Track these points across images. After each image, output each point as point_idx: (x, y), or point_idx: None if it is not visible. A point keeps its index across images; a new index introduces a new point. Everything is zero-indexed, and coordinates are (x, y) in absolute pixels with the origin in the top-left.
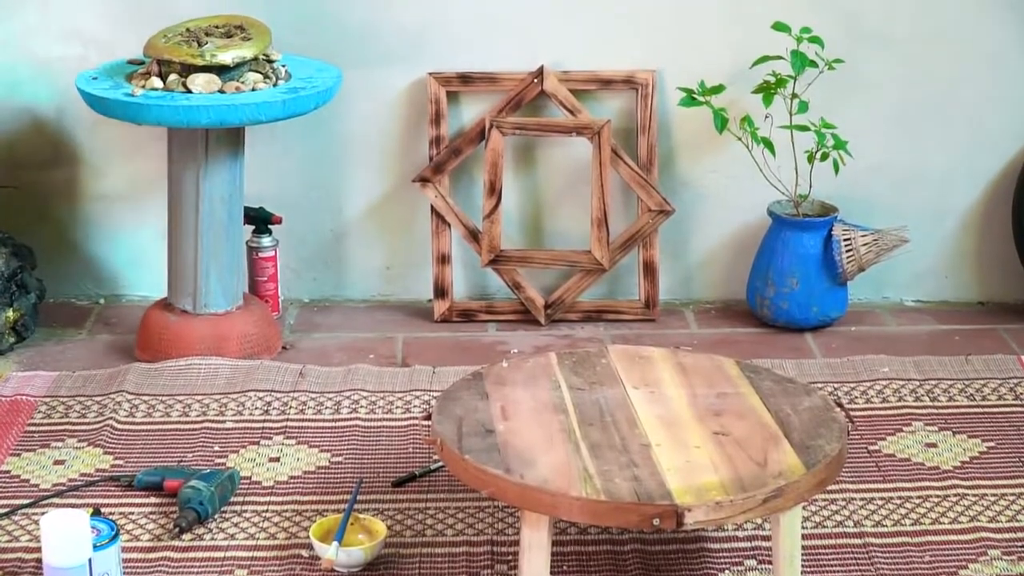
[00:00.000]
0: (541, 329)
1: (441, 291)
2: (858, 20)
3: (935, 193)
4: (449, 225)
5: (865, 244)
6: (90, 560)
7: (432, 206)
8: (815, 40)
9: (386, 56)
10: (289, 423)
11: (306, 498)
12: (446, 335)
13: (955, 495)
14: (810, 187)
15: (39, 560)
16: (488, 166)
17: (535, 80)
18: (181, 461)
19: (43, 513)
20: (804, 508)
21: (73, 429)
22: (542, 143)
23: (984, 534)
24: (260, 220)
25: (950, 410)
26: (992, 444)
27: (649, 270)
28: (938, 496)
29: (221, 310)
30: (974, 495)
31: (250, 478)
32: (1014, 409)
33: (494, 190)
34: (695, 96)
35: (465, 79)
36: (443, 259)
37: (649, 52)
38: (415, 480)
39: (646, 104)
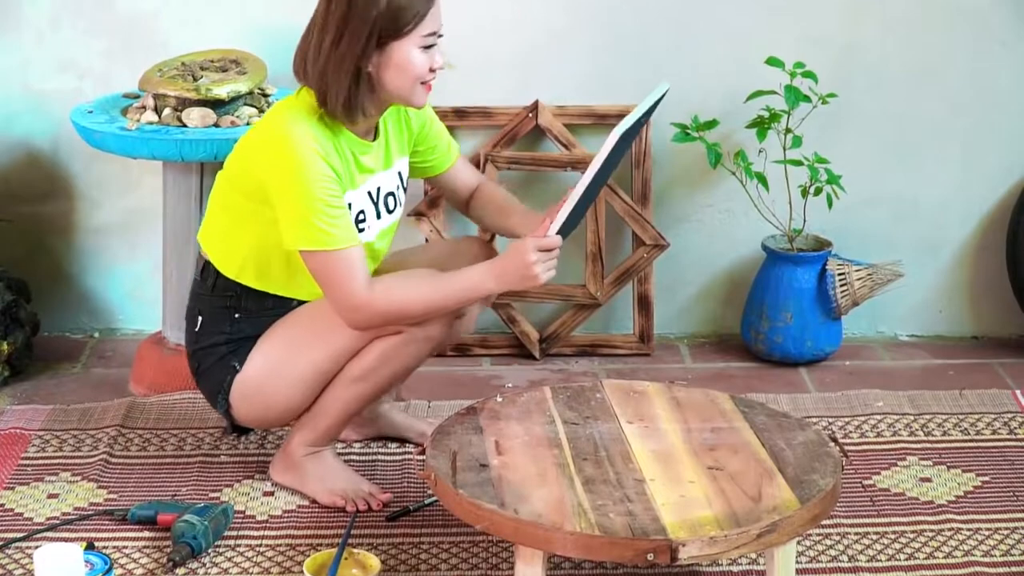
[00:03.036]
0: (536, 363)
1: None
2: (851, 55)
3: (929, 227)
4: None
5: (859, 278)
6: None
7: (427, 240)
8: (808, 75)
9: None
10: None
11: (300, 532)
12: (441, 369)
13: (949, 529)
14: (804, 221)
15: None
16: None
17: (530, 114)
18: (175, 495)
19: (37, 547)
20: (798, 543)
21: (67, 463)
22: (537, 177)
23: (978, 568)
24: None
25: (944, 445)
26: (986, 479)
27: (643, 304)
28: (932, 531)
29: None
30: (968, 529)
31: (244, 512)
32: (1008, 444)
33: None
34: (689, 131)
35: (460, 113)
36: None
37: (643, 87)
38: (409, 514)
39: (640, 139)
